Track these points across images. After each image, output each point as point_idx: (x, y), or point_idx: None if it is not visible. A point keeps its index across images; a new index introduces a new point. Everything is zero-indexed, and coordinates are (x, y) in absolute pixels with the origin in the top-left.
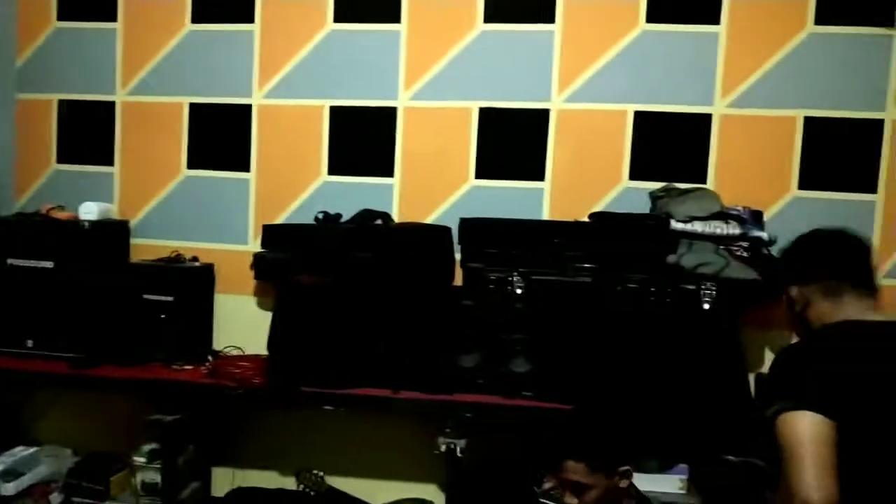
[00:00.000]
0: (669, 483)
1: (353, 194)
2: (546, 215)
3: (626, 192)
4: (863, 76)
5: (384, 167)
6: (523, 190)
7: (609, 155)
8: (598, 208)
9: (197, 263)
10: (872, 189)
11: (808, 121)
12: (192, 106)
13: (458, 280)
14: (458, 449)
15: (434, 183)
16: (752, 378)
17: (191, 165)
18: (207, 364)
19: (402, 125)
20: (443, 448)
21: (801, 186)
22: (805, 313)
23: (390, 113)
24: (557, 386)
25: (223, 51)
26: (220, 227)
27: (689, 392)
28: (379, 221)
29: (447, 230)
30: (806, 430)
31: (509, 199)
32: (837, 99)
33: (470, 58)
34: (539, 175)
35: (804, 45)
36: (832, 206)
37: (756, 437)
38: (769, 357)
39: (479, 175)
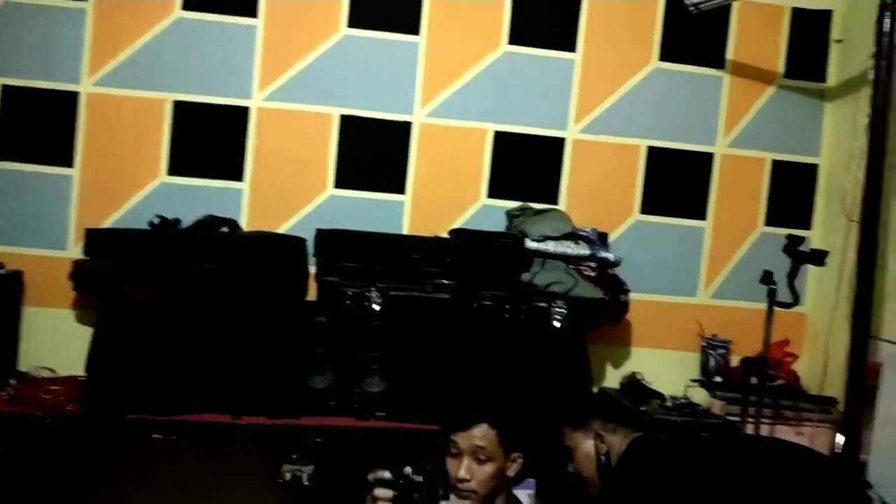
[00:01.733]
0: (520, 497)
1: (195, 198)
2: (406, 230)
3: (484, 210)
4: (698, 111)
5: (233, 170)
6: (384, 202)
7: (469, 172)
8: (456, 225)
9: (1, 270)
10: (703, 216)
11: (651, 150)
12: (4, 88)
13: (312, 295)
14: (305, 476)
15: (289, 190)
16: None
17: (2, 157)
18: (10, 388)
19: (254, 127)
20: (288, 476)
21: (643, 211)
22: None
23: (242, 113)
24: (411, 405)
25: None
26: (34, 229)
27: (540, 408)
28: (225, 229)
29: (301, 241)
30: None
31: (369, 211)
32: (676, 131)
33: (332, 62)
34: (400, 188)
35: (649, 78)
36: (668, 231)
37: None
38: (611, 372)
39: (338, 184)
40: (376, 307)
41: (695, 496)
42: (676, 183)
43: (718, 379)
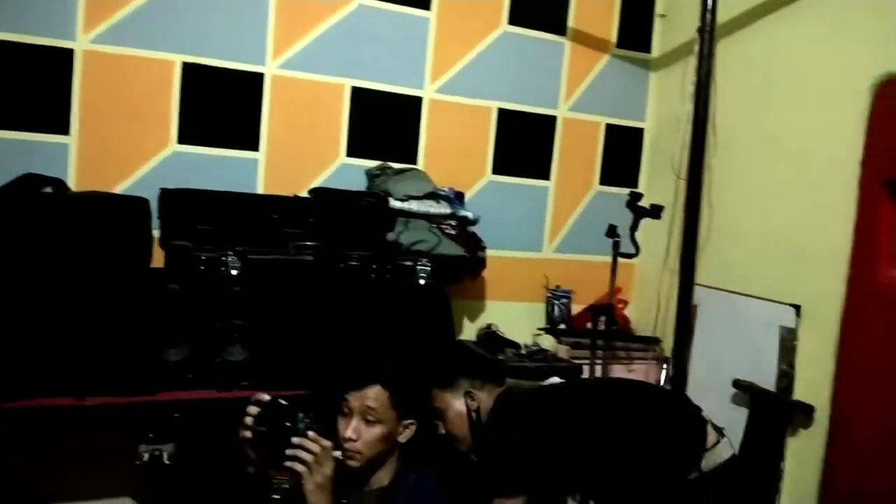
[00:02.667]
0: None
1: (11, 155)
2: (260, 189)
3: (343, 169)
4: (543, 76)
5: (56, 122)
6: (235, 160)
7: (327, 129)
8: (315, 184)
9: None
10: (547, 176)
11: (501, 112)
12: None
13: (159, 262)
14: (166, 455)
15: (125, 145)
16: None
17: None
18: None
19: (80, 72)
20: (146, 457)
21: (495, 171)
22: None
23: (65, 56)
24: (277, 373)
25: None
26: None
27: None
28: (49, 189)
29: (143, 202)
30: None
31: (219, 168)
32: (524, 94)
33: (172, 4)
34: (253, 145)
35: (499, 41)
36: (517, 190)
37: None
38: (468, 325)
39: (182, 140)
40: (234, 272)
41: (561, 440)
42: (524, 145)
43: (563, 326)
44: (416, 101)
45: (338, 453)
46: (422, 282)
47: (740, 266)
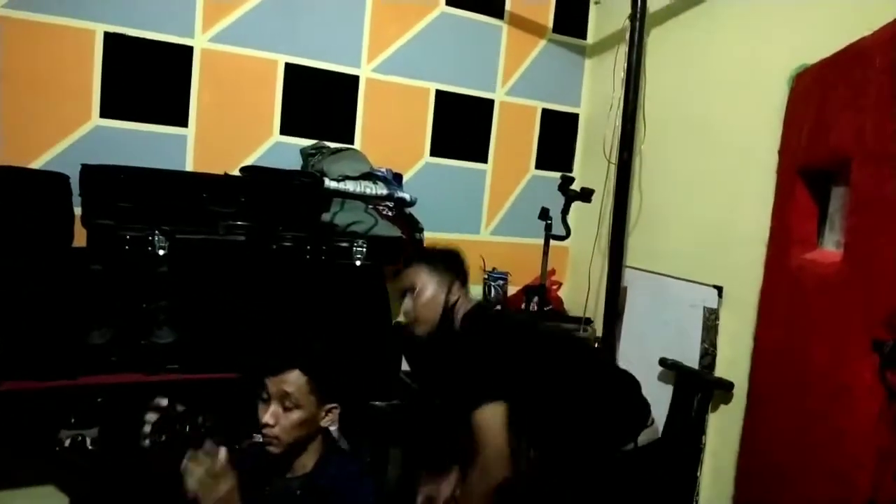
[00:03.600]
0: None
1: None
2: (190, 166)
3: (276, 147)
4: (481, 58)
5: None
6: (162, 136)
7: (260, 106)
8: (247, 162)
9: None
10: (485, 159)
11: (439, 94)
12: None
13: (80, 241)
14: (89, 440)
15: (43, 118)
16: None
17: None
18: None
19: None
20: (67, 442)
21: (433, 153)
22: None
23: None
24: (207, 355)
25: None
26: None
27: (343, 340)
28: None
29: (63, 178)
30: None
31: (144, 144)
32: (462, 77)
33: None
34: (181, 120)
35: (437, 22)
36: (455, 173)
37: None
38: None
39: (104, 113)
40: (161, 252)
41: (529, 368)
42: (462, 127)
43: (499, 307)
44: (352, 80)
45: (258, 437)
46: (357, 263)
47: (667, 249)
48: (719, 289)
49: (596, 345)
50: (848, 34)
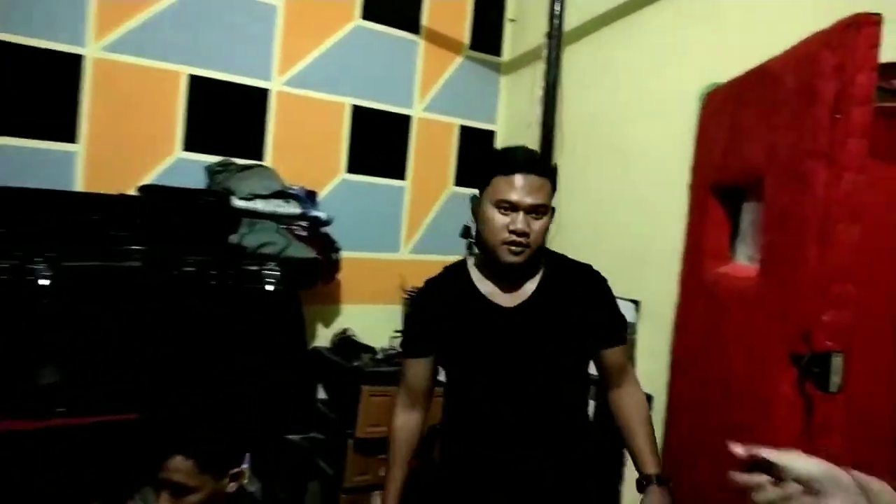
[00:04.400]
0: None
1: None
2: (80, 186)
3: (179, 164)
4: (398, 74)
5: None
6: (47, 152)
7: (160, 120)
8: (146, 181)
9: None
10: (403, 176)
11: (355, 109)
12: None
13: None
14: None
15: None
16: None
17: None
18: None
19: None
20: None
21: (349, 170)
22: None
23: None
24: (98, 396)
25: None
26: None
27: (257, 376)
28: None
29: None
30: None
31: (27, 163)
32: (378, 91)
33: None
34: (69, 136)
35: (352, 35)
36: (373, 190)
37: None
38: (322, 331)
39: None
40: (45, 282)
41: None
42: (379, 143)
43: None
44: (262, 93)
45: None
46: (269, 288)
47: (586, 260)
48: (636, 303)
49: None
50: (756, 55)
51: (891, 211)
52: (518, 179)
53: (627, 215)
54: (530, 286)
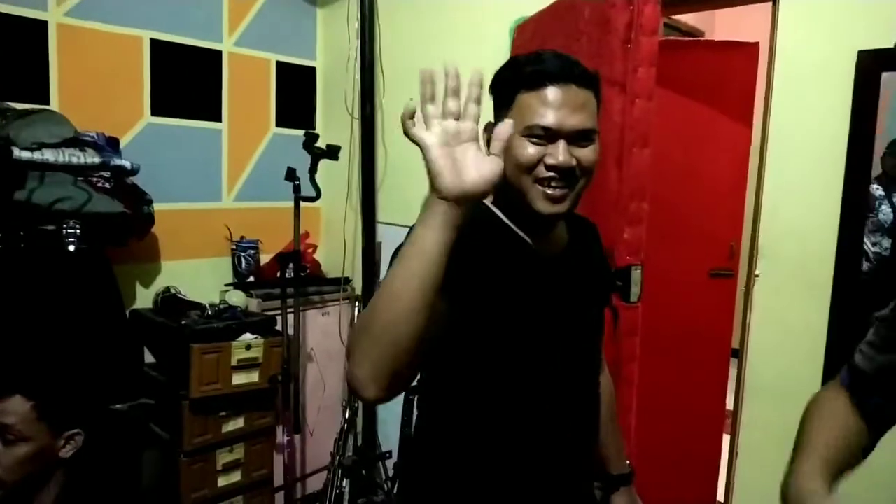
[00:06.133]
0: None
1: None
2: None
3: None
4: (201, 5)
5: None
6: None
7: None
8: None
9: None
10: (219, 118)
11: (155, 43)
12: None
13: None
14: None
15: None
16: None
17: None
18: None
19: None
20: None
21: (154, 112)
22: None
23: None
24: None
25: None
26: None
27: (71, 347)
28: None
29: None
30: None
31: None
32: (180, 25)
33: None
34: None
35: None
36: (185, 133)
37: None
38: (142, 292)
39: None
40: None
41: None
42: (187, 82)
43: (251, 278)
44: (39, 26)
45: None
46: (71, 248)
47: (418, 201)
48: None
49: (357, 304)
50: None
51: (671, 134)
52: (553, 93)
53: None
54: (563, 229)
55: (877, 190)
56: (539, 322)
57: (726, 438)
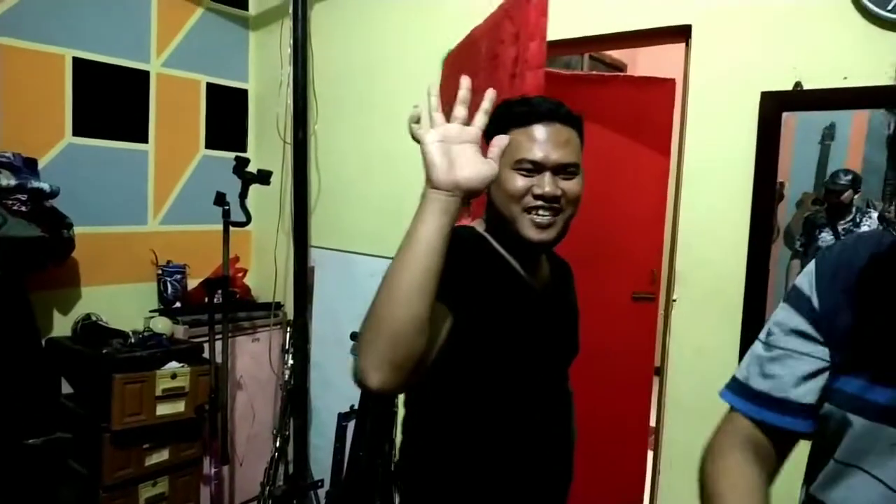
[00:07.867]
0: None
1: None
2: None
3: None
4: (129, 24)
5: None
6: None
7: None
8: None
9: None
10: (145, 139)
11: (78, 62)
12: None
13: None
14: None
15: None
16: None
17: None
18: None
19: None
20: None
21: (76, 133)
22: None
23: None
24: None
25: None
26: None
27: None
28: None
29: None
30: None
31: None
32: (106, 44)
33: None
34: None
35: None
36: (109, 155)
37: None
38: (60, 319)
39: None
40: None
41: None
42: (112, 102)
43: (178, 304)
44: None
45: None
46: None
47: (350, 226)
48: None
49: (289, 329)
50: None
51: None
52: (539, 131)
53: (387, 174)
54: (545, 265)
55: (821, 218)
56: (529, 346)
57: (651, 455)
